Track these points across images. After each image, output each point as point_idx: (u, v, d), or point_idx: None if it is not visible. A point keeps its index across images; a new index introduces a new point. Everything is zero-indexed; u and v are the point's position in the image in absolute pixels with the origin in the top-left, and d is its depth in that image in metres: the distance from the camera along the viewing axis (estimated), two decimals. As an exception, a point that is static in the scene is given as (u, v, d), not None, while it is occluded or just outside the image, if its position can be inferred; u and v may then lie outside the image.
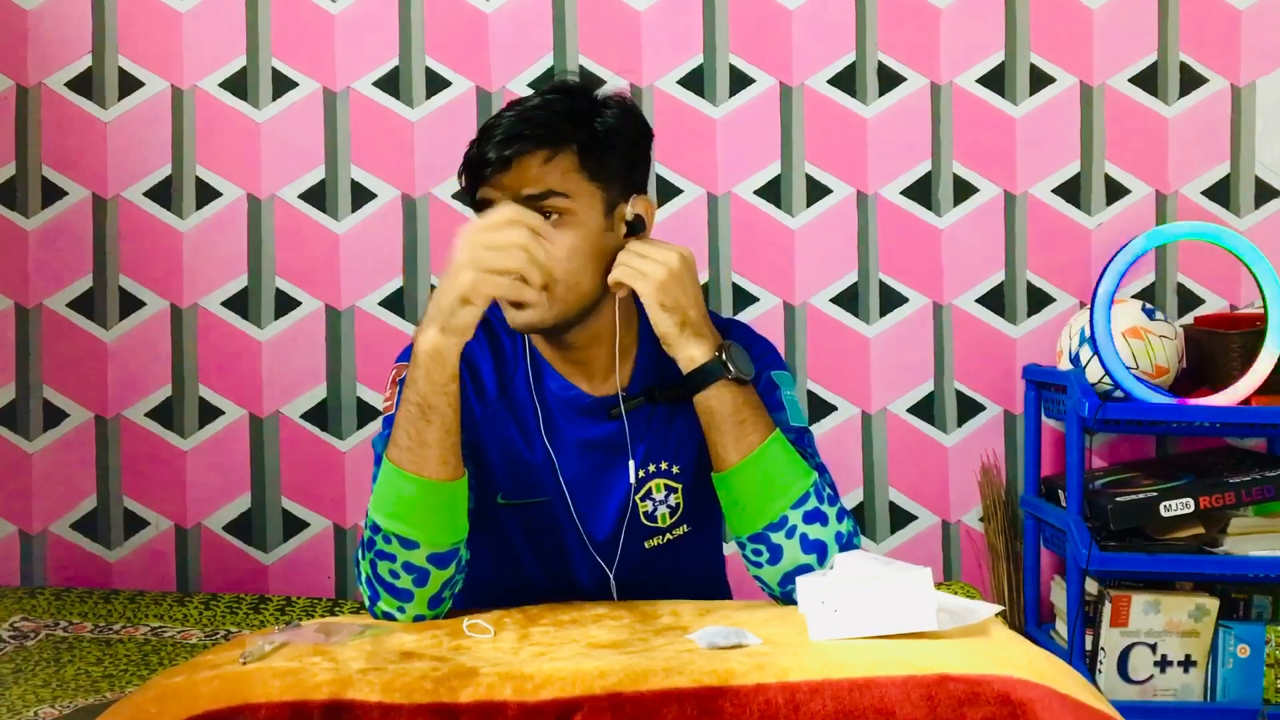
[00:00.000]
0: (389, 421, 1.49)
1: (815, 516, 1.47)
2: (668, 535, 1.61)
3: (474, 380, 1.57)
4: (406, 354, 1.57)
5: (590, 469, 1.58)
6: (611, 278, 1.49)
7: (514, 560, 1.61)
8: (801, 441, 1.55)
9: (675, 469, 1.60)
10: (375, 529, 1.41)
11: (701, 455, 1.58)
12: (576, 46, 2.81)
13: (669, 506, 1.60)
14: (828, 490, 1.51)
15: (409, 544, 1.39)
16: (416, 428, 1.39)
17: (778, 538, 1.46)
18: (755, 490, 1.47)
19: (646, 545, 1.60)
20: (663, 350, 1.54)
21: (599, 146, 1.49)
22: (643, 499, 1.59)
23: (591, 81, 1.60)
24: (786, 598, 1.48)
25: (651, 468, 1.59)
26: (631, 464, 1.59)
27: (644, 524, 1.59)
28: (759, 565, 1.50)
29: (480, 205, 1.49)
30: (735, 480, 1.48)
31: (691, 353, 1.47)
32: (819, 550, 1.46)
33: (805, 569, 1.45)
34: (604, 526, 1.59)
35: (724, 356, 1.47)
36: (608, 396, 1.58)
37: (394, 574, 1.40)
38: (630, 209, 1.52)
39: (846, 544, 1.48)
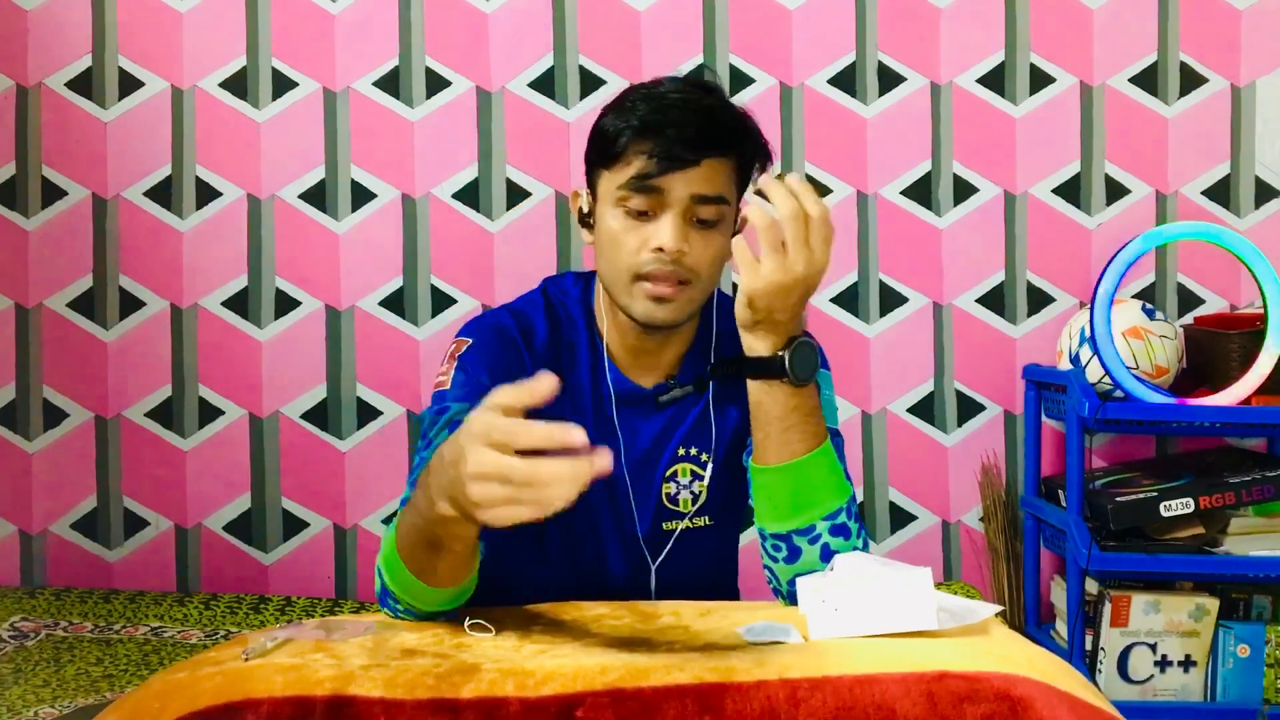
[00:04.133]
0: (440, 398, 1.49)
1: (841, 531, 1.45)
2: (687, 522, 1.60)
3: (531, 354, 1.56)
4: (468, 329, 1.56)
5: (636, 462, 1.58)
6: (765, 218, 1.34)
7: (543, 555, 1.60)
8: (834, 444, 1.51)
9: (704, 456, 1.60)
10: (387, 589, 1.34)
11: (732, 452, 1.59)
12: (576, 46, 2.81)
13: (692, 493, 1.60)
14: (856, 506, 1.48)
15: (417, 616, 1.35)
16: (421, 552, 1.25)
17: (801, 541, 1.44)
18: (787, 496, 1.44)
19: (664, 528, 1.60)
20: (719, 341, 1.58)
21: (749, 159, 1.52)
22: (668, 480, 1.59)
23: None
24: (791, 597, 1.46)
25: (682, 451, 1.59)
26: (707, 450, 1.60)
27: (666, 506, 1.59)
28: (775, 560, 1.47)
29: (644, 190, 1.45)
30: (769, 479, 1.45)
31: (754, 344, 1.43)
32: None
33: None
34: (644, 519, 1.59)
35: (786, 356, 1.41)
36: (658, 385, 1.57)
37: (405, 614, 1.35)
38: (744, 213, 1.51)
39: None
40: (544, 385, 1.03)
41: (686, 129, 1.43)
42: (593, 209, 1.53)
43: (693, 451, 1.60)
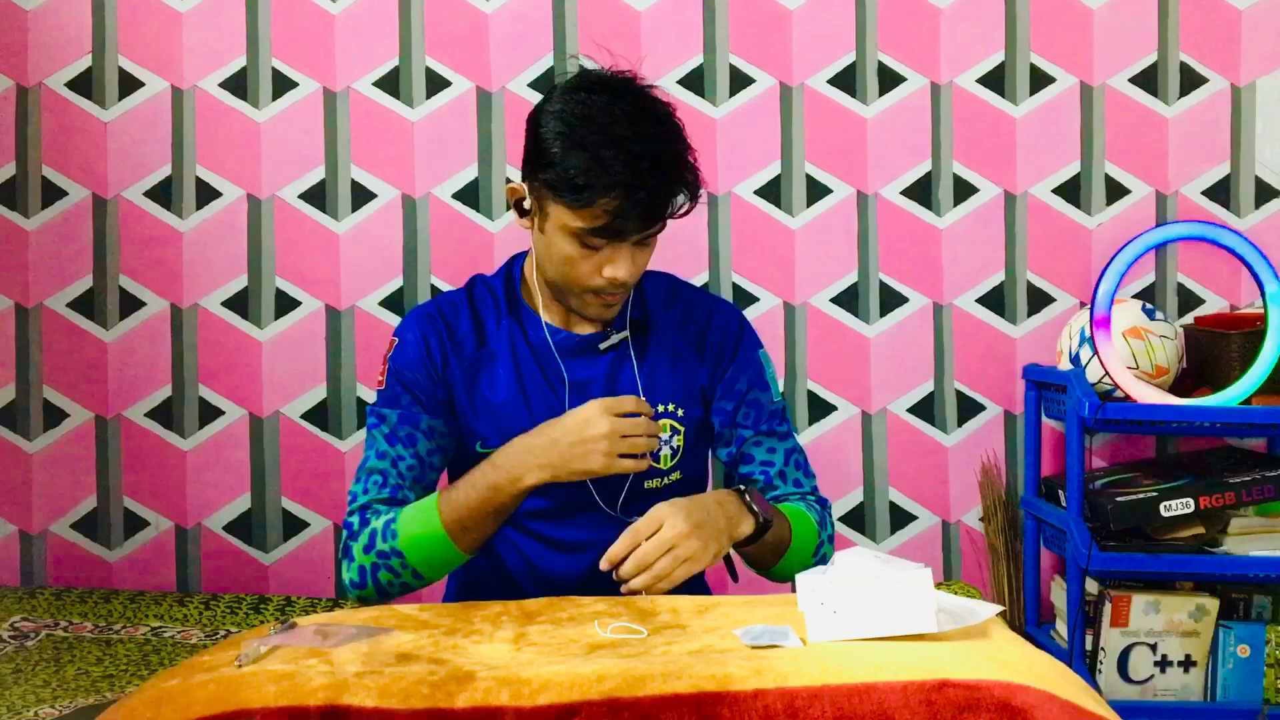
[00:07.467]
0: (378, 397, 1.70)
1: (819, 550, 1.72)
2: (665, 479, 1.71)
3: (452, 341, 1.69)
4: (399, 327, 1.73)
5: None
6: (652, 587, 1.48)
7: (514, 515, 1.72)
8: (783, 414, 1.74)
9: (680, 412, 1.71)
10: (399, 555, 1.59)
11: (700, 407, 1.73)
12: (577, 46, 2.81)
13: (672, 448, 1.71)
14: (827, 518, 1.75)
15: (421, 579, 1.62)
16: (486, 523, 1.59)
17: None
18: (786, 571, 1.69)
19: (646, 485, 1.70)
20: (641, 285, 1.76)
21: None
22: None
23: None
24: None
25: (660, 408, 1.70)
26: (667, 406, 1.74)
27: (651, 465, 1.69)
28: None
29: (607, 236, 1.54)
30: (772, 572, 1.72)
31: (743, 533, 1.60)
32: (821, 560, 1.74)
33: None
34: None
35: (760, 519, 1.59)
36: (594, 334, 1.69)
37: (391, 585, 1.62)
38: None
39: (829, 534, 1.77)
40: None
41: (658, 192, 1.52)
42: (534, 207, 1.61)
43: (669, 407, 1.71)
